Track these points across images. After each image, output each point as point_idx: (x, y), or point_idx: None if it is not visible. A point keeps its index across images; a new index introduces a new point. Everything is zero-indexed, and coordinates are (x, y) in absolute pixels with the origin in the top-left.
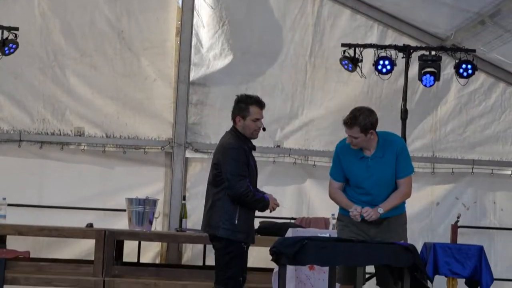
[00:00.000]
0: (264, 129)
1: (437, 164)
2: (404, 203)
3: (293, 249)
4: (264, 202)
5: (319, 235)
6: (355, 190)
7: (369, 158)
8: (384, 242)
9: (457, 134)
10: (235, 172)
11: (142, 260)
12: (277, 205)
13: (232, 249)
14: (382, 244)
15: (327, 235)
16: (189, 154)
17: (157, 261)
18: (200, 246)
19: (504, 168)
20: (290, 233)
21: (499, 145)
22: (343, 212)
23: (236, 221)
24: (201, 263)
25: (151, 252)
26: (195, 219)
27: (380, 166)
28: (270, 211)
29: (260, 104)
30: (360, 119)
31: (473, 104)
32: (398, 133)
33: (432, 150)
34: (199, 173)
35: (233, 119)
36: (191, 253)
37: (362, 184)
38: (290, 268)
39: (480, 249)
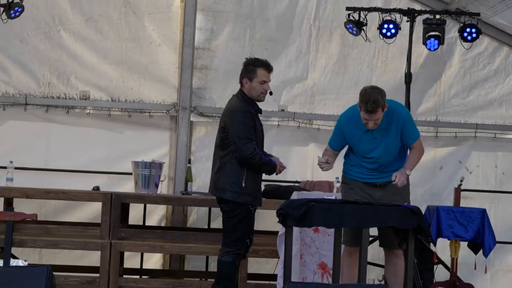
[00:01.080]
0: (271, 93)
1: (440, 128)
2: None
3: (299, 211)
4: (271, 165)
5: (325, 197)
6: (359, 158)
7: (375, 130)
8: (390, 204)
9: (460, 98)
10: (242, 135)
11: (147, 223)
12: (284, 168)
13: (239, 212)
14: (388, 206)
15: (333, 197)
16: (194, 118)
17: (163, 224)
18: (205, 209)
19: (507, 132)
20: (295, 195)
21: (502, 109)
22: (348, 175)
23: (243, 184)
24: (206, 226)
25: (156, 215)
26: (200, 182)
27: (386, 137)
28: (277, 174)
29: (267, 67)
30: (381, 101)
31: (477, 68)
32: (403, 96)
33: (435, 114)
34: (204, 136)
35: (241, 81)
36: (196, 216)
37: (369, 154)
38: (295, 230)
39: (483, 212)
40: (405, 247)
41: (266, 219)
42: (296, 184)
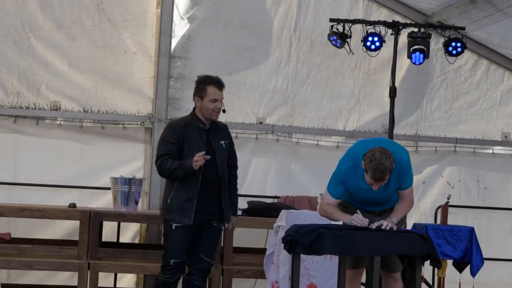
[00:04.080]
0: (224, 111)
1: (420, 143)
2: None
3: (309, 238)
4: (183, 164)
5: (332, 223)
6: (357, 203)
7: None
8: (401, 230)
9: (442, 112)
10: (157, 154)
11: (121, 240)
12: (200, 156)
13: (164, 228)
14: (399, 232)
15: (341, 223)
16: None
17: (136, 241)
18: None
19: (485, 147)
20: (284, 214)
21: (482, 123)
22: (347, 200)
23: (169, 201)
24: None
25: (130, 231)
26: None
27: (387, 186)
28: (197, 167)
29: (219, 84)
30: (390, 167)
31: (459, 81)
32: (385, 109)
33: (416, 128)
34: None
35: (194, 99)
36: None
37: (369, 201)
38: (284, 251)
39: (471, 230)
40: (409, 273)
41: (250, 237)
42: (275, 200)
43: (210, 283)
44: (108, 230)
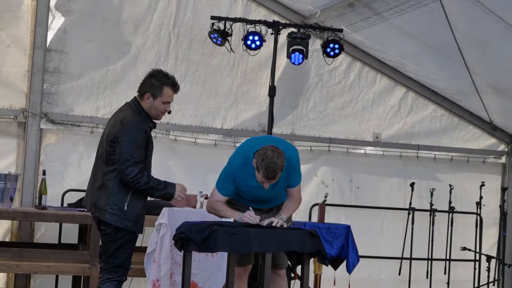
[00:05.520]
0: (169, 112)
1: (295, 142)
2: None
3: (201, 235)
4: (164, 190)
5: (223, 220)
6: (246, 200)
7: None
8: (291, 227)
9: (317, 112)
10: (129, 156)
11: None
12: (183, 197)
13: (122, 235)
14: (290, 229)
15: (231, 220)
16: (44, 125)
17: (7, 239)
18: (55, 224)
19: (358, 147)
20: (166, 212)
21: (355, 124)
22: (234, 197)
23: (126, 207)
24: (56, 241)
25: (1, 229)
26: (48, 194)
27: (277, 184)
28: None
29: (175, 87)
30: (281, 165)
31: (333, 82)
32: (263, 107)
33: (292, 127)
34: (55, 145)
35: (141, 93)
36: (45, 231)
37: (258, 198)
38: (166, 249)
39: (347, 228)
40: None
41: None
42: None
43: (89, 282)
44: None
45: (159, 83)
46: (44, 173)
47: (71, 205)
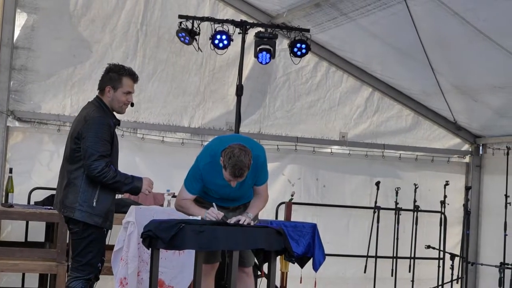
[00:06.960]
0: (132, 105)
1: (262, 141)
2: None
3: (169, 233)
4: (131, 184)
5: (191, 218)
6: (213, 198)
7: None
8: (258, 225)
9: (284, 111)
10: (95, 150)
11: None
12: (151, 190)
13: (91, 233)
14: (257, 227)
15: (199, 218)
16: (10, 123)
17: None
18: (21, 222)
19: (324, 146)
20: (133, 210)
21: (322, 123)
22: (202, 195)
23: (94, 203)
24: (22, 239)
25: None
26: (15, 193)
27: (244, 182)
28: (146, 194)
29: (133, 76)
30: (248, 164)
31: (300, 81)
32: (230, 106)
33: (259, 126)
34: (22, 143)
35: (102, 89)
36: (11, 228)
37: (225, 197)
38: (133, 247)
39: (314, 226)
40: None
41: None
42: (121, 195)
43: (55, 281)
44: None
45: (117, 74)
46: (10, 171)
47: (38, 203)
